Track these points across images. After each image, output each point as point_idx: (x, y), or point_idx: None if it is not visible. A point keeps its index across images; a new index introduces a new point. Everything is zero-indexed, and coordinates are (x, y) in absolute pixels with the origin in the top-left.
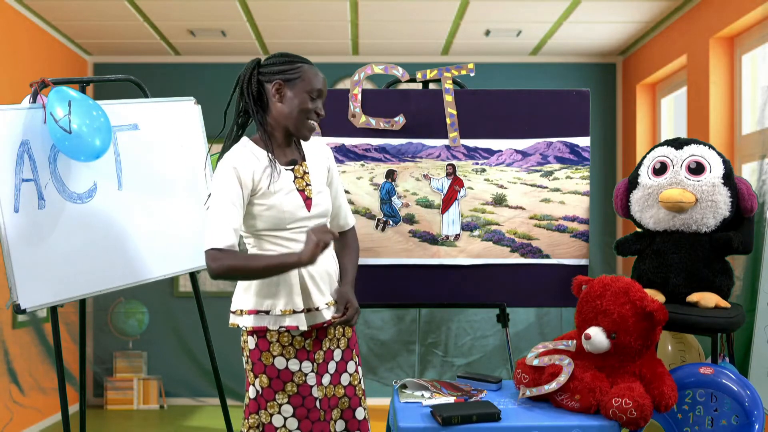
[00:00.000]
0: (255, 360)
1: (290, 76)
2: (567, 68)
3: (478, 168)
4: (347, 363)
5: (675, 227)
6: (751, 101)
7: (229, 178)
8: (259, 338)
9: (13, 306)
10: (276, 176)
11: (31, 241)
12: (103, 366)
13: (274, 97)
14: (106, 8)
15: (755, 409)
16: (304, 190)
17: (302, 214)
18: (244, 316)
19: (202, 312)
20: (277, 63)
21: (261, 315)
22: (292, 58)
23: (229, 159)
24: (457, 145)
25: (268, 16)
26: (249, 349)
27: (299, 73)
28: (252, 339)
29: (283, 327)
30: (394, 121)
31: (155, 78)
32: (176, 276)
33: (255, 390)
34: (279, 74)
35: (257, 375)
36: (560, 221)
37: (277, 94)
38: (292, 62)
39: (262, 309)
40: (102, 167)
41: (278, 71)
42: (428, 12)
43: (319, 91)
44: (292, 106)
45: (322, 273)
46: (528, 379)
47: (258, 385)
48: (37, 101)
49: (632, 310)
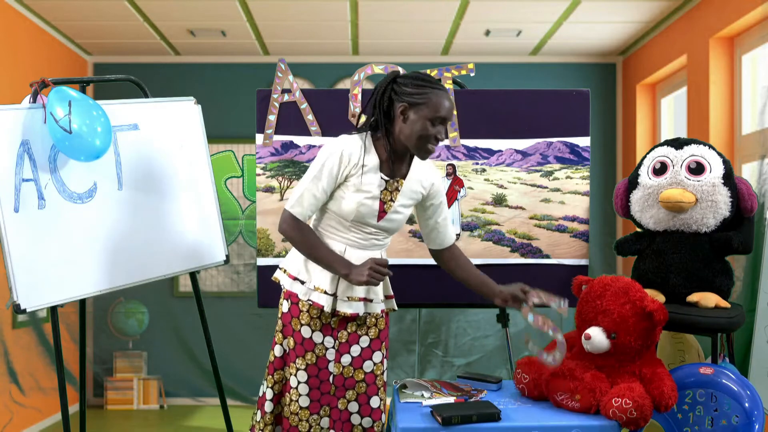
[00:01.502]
0: (286, 322)
1: (416, 100)
2: (567, 68)
3: (478, 168)
4: (374, 352)
5: (675, 227)
6: (751, 101)
7: (336, 156)
8: (292, 304)
9: (13, 306)
10: (364, 178)
11: (31, 241)
12: (103, 366)
13: (399, 117)
14: (106, 8)
15: (755, 409)
16: (386, 202)
17: (370, 220)
18: (285, 276)
19: (202, 312)
20: (408, 84)
21: (297, 282)
22: (424, 82)
23: (345, 140)
24: (457, 145)
25: (268, 16)
26: (282, 311)
27: (425, 99)
28: (287, 303)
29: (310, 300)
30: None
31: (155, 78)
32: (176, 276)
33: (282, 349)
34: (407, 96)
35: (286, 336)
36: (560, 221)
37: (402, 115)
38: (422, 86)
39: (299, 277)
40: (102, 167)
41: (407, 93)
42: (428, 12)
43: (442, 118)
44: (413, 129)
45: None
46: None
47: (285, 345)
48: (37, 101)
49: (632, 310)
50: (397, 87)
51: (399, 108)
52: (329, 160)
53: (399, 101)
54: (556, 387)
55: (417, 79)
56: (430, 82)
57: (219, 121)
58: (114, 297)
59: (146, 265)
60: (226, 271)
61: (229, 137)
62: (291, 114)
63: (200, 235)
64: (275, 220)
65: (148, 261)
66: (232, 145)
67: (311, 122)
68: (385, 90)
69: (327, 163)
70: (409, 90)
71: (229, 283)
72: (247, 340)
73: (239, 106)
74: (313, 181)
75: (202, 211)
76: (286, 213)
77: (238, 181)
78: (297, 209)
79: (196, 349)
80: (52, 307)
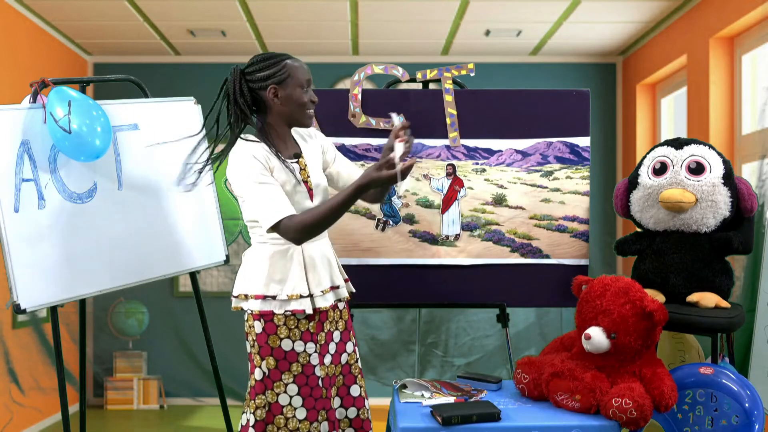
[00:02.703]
0: (262, 343)
1: (280, 77)
2: (567, 68)
3: (478, 168)
4: (346, 344)
5: (675, 227)
6: (751, 101)
7: (255, 163)
8: (266, 322)
9: (13, 306)
10: (287, 169)
11: (31, 241)
12: (103, 366)
13: (272, 101)
14: (106, 8)
15: (755, 409)
16: (307, 181)
17: (307, 204)
18: (249, 301)
19: (202, 312)
20: (263, 68)
21: (267, 300)
22: (274, 58)
23: (245, 150)
24: (457, 145)
25: (268, 16)
26: (255, 333)
27: (286, 72)
28: (259, 323)
29: (288, 311)
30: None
31: (155, 78)
32: (176, 276)
33: (261, 372)
34: (270, 79)
35: (264, 357)
36: (560, 221)
37: (275, 98)
38: (275, 63)
39: (268, 294)
40: (102, 167)
41: (268, 76)
42: (428, 12)
43: (308, 81)
44: (291, 104)
45: (322, 258)
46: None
47: (264, 367)
48: (37, 101)
49: (632, 310)
50: (250, 77)
51: (269, 93)
52: (253, 165)
53: (263, 88)
54: (556, 387)
55: (263, 61)
56: (277, 56)
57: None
58: (114, 297)
59: (146, 265)
60: (226, 271)
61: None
62: None
63: (200, 235)
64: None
65: (148, 261)
66: None
67: None
68: (240, 88)
69: (253, 168)
70: (265, 73)
71: (229, 283)
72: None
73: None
74: (261, 187)
75: (202, 211)
76: (282, 224)
77: None
78: (281, 211)
79: (196, 349)
80: (52, 307)
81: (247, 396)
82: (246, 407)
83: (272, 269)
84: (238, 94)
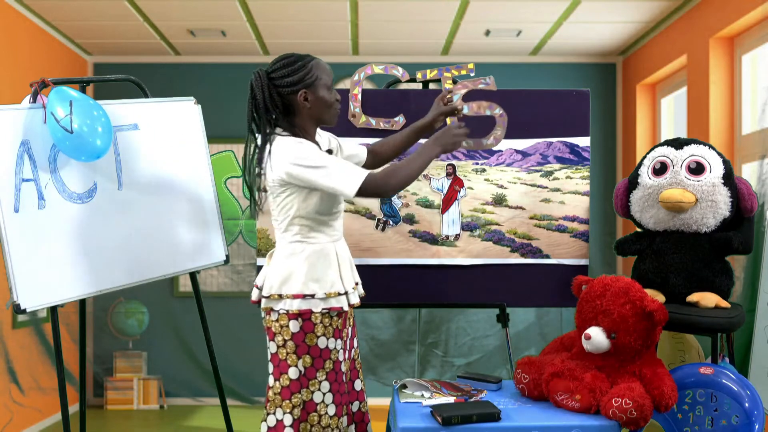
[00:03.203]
0: (299, 342)
1: (309, 81)
2: (567, 68)
3: (478, 168)
4: (353, 340)
5: (675, 227)
6: (751, 101)
7: (309, 146)
8: (304, 321)
9: (13, 306)
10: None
11: (31, 241)
12: (103, 366)
13: (302, 104)
14: (106, 8)
15: (755, 409)
16: None
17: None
18: (284, 300)
19: (202, 312)
20: (290, 73)
21: (307, 298)
22: (299, 62)
23: (291, 139)
24: None
25: (268, 16)
26: (291, 333)
27: (314, 74)
28: (295, 323)
29: (326, 309)
30: (394, 121)
31: (155, 78)
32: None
33: (298, 371)
34: (299, 83)
35: (300, 356)
36: (560, 221)
37: (305, 101)
38: (303, 66)
39: (308, 293)
40: (102, 167)
41: (297, 81)
42: (428, 12)
43: (332, 81)
44: (320, 106)
45: (348, 257)
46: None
47: (301, 366)
48: (37, 101)
49: (632, 310)
50: (278, 81)
51: (300, 97)
52: (309, 147)
53: (293, 93)
54: (556, 387)
55: (289, 66)
56: (302, 59)
57: (219, 121)
58: (114, 297)
59: (146, 265)
60: (226, 271)
61: (229, 137)
62: None
63: (200, 235)
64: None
65: (148, 261)
66: (232, 145)
67: None
68: (270, 94)
69: (311, 149)
70: (293, 78)
71: (229, 283)
72: (247, 340)
73: (239, 106)
74: (329, 160)
75: (202, 211)
76: (366, 182)
77: (238, 181)
78: (359, 175)
79: (196, 349)
80: (52, 307)
81: (274, 396)
82: (273, 407)
83: (311, 268)
84: (268, 101)
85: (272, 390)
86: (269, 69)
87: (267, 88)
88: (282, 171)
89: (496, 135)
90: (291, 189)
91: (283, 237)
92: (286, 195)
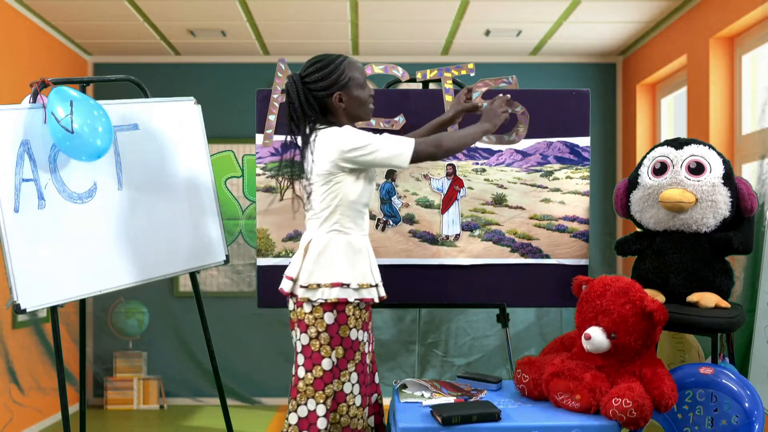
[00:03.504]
0: (333, 333)
1: (343, 82)
2: (567, 68)
3: (478, 168)
4: (371, 333)
5: (675, 227)
6: (751, 101)
7: (356, 129)
8: (338, 313)
9: (13, 306)
10: None
11: (31, 241)
12: (103, 366)
13: (337, 105)
14: (106, 8)
15: (755, 409)
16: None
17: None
18: (322, 290)
19: (202, 312)
20: (324, 77)
21: (344, 288)
22: (332, 64)
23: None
24: None
25: (268, 16)
26: (326, 324)
27: (348, 75)
28: (330, 314)
29: (359, 299)
30: (394, 121)
31: (155, 78)
32: (176, 276)
33: (331, 362)
34: (334, 86)
35: (334, 347)
36: (560, 221)
37: (341, 103)
38: (336, 68)
39: (344, 282)
40: (102, 167)
41: (331, 84)
42: (428, 12)
43: (366, 79)
44: (356, 105)
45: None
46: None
47: (334, 357)
48: (37, 101)
49: (632, 310)
50: (313, 86)
51: (335, 99)
52: (357, 129)
53: (329, 96)
54: (556, 387)
55: (322, 69)
56: (334, 61)
57: (219, 121)
58: (114, 297)
59: (146, 265)
60: (226, 271)
61: (229, 137)
62: None
63: (200, 235)
64: (275, 220)
65: (148, 261)
66: (232, 145)
67: None
68: (306, 98)
69: (359, 130)
70: (327, 82)
71: (229, 283)
72: (247, 340)
73: (239, 106)
74: (376, 136)
75: (202, 211)
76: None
77: (238, 181)
78: (408, 143)
79: (196, 349)
80: (52, 307)
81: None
82: (304, 398)
83: (348, 258)
84: (305, 105)
85: (303, 381)
86: (302, 73)
87: (302, 93)
88: (335, 159)
89: (518, 131)
90: (340, 177)
91: (321, 228)
92: (334, 183)
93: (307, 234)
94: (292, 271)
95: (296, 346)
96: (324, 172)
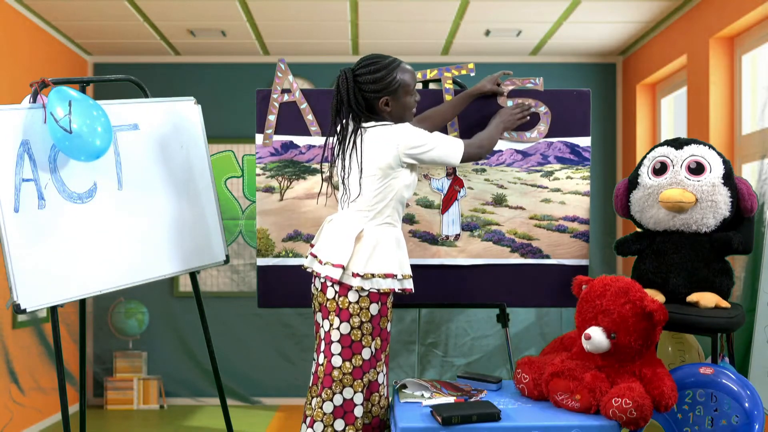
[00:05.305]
0: (375, 324)
1: (392, 88)
2: (567, 68)
3: (478, 168)
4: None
5: (675, 227)
6: (751, 101)
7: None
8: (382, 305)
9: (13, 306)
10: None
11: (31, 241)
12: (103, 366)
13: (383, 108)
14: (106, 8)
15: (755, 409)
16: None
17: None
18: (376, 279)
19: (202, 312)
20: (375, 80)
21: (391, 279)
22: (385, 69)
23: (404, 125)
24: None
25: (268, 16)
26: (371, 315)
27: (397, 84)
28: (375, 305)
29: (401, 289)
30: None
31: (155, 78)
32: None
33: (370, 352)
34: (383, 91)
35: (374, 338)
36: (560, 221)
37: (387, 107)
38: (389, 74)
39: (392, 272)
40: (102, 167)
41: (381, 89)
42: (428, 12)
43: (415, 86)
44: (401, 110)
45: None
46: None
47: (374, 347)
48: (37, 101)
49: (632, 310)
50: (363, 86)
51: (381, 103)
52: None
53: (376, 98)
54: (556, 387)
55: (376, 72)
56: (388, 65)
57: (219, 121)
58: (114, 297)
59: (146, 265)
60: (226, 271)
61: (229, 137)
62: (291, 114)
63: (200, 235)
64: (275, 220)
65: (148, 261)
66: (232, 145)
67: (311, 122)
68: (355, 96)
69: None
70: (378, 86)
71: (229, 283)
72: (246, 340)
73: (239, 106)
74: (433, 135)
75: (202, 211)
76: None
77: (238, 181)
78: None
79: (196, 349)
80: (52, 307)
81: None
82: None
83: (398, 249)
84: (353, 102)
85: (339, 370)
86: (355, 70)
87: (352, 90)
88: (397, 155)
89: (540, 129)
90: (398, 172)
91: (373, 220)
92: (392, 178)
93: (354, 225)
94: (341, 259)
95: (330, 335)
96: (384, 167)
